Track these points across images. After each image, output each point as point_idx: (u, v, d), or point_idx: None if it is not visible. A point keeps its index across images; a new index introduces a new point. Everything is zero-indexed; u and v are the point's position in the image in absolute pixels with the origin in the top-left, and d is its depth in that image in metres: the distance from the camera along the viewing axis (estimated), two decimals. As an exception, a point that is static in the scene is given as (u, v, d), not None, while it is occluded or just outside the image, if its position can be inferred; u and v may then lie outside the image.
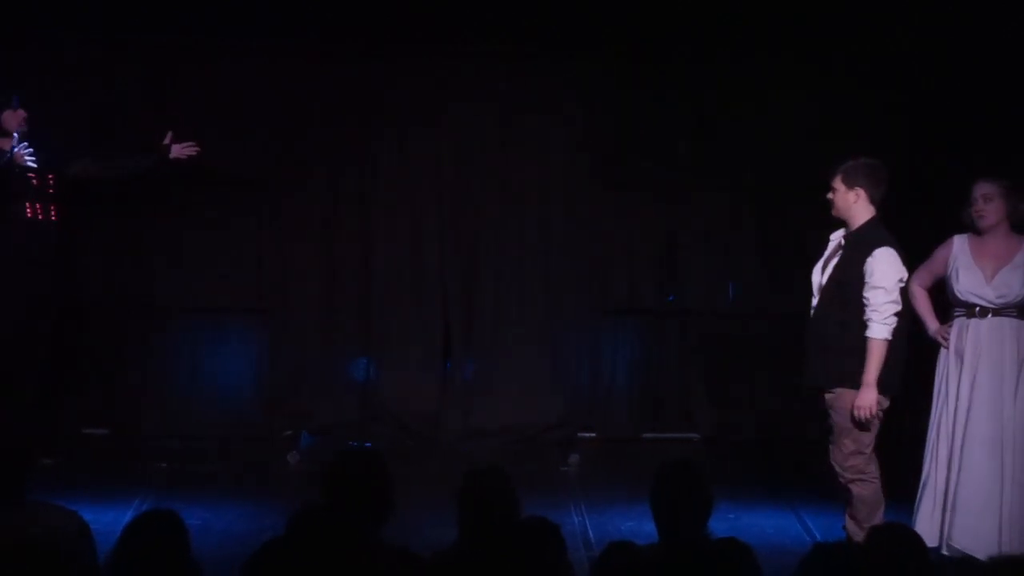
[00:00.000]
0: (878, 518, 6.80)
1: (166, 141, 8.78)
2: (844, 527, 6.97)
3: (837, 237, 7.01)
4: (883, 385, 6.78)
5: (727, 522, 7.14)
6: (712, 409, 9.74)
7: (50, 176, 8.54)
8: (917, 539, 4.78)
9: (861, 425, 6.79)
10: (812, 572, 4.42)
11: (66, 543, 4.62)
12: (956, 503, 6.87)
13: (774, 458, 9.13)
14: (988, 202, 6.93)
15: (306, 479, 8.32)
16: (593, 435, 9.72)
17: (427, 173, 9.59)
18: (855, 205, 6.91)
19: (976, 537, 6.82)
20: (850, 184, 6.91)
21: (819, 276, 7.02)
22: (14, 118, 8.53)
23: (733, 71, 9.42)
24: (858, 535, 6.89)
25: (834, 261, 6.94)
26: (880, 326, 6.76)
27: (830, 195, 6.96)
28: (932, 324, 7.06)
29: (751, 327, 9.61)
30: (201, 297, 9.51)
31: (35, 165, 8.46)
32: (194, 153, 8.80)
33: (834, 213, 6.98)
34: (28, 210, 8.49)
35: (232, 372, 9.59)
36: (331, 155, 9.53)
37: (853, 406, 6.76)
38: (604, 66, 9.47)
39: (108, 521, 6.55)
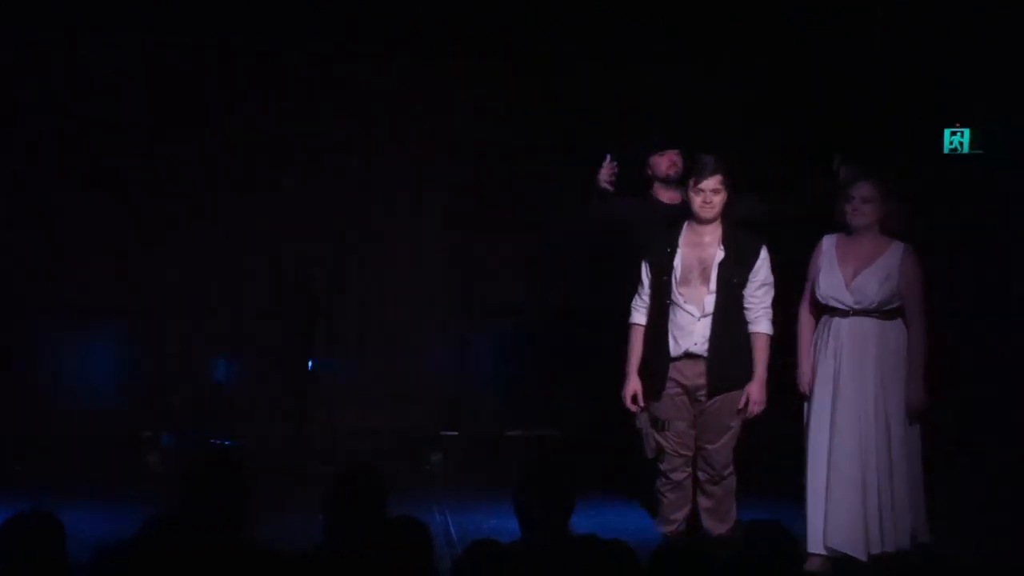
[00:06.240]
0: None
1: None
2: (706, 528, 7.15)
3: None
4: None
5: (589, 519, 7.20)
6: (577, 407, 9.79)
7: None
8: (791, 535, 4.82)
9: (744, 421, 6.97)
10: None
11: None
12: (827, 503, 6.80)
13: (639, 456, 9.20)
14: (866, 203, 6.83)
15: (168, 480, 8.24)
16: (457, 434, 9.75)
17: (288, 172, 9.49)
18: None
19: (847, 536, 6.78)
20: (731, 184, 6.95)
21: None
22: (662, 161, 7.53)
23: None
24: (719, 528, 7.03)
25: (716, 269, 6.96)
26: (770, 322, 6.93)
27: (715, 196, 6.94)
28: (806, 366, 6.97)
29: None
30: (65, 297, 9.36)
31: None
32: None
33: (713, 215, 6.95)
34: None
35: (96, 373, 9.46)
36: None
37: (751, 402, 6.94)
38: (478, 65, 9.48)
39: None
